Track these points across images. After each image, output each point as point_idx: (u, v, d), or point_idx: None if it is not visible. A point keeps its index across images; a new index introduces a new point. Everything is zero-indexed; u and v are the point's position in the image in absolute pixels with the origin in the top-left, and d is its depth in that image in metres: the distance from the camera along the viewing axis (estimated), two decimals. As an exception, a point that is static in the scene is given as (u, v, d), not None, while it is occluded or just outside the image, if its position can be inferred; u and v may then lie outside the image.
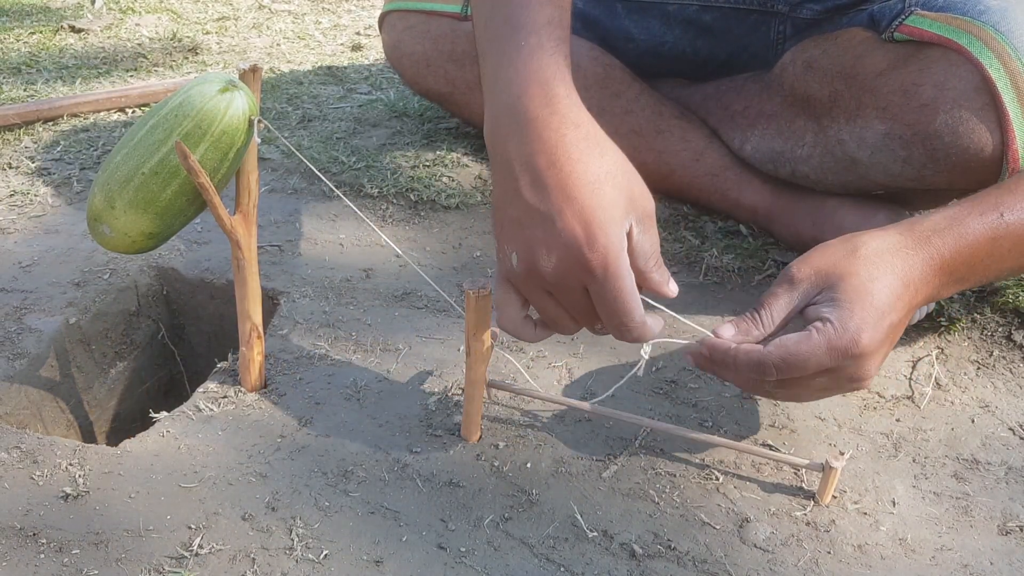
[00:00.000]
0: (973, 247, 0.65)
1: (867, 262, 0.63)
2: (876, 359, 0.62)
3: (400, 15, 1.18)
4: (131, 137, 0.64)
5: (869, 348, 0.61)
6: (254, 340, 0.72)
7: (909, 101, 0.82)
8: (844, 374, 0.62)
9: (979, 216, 0.66)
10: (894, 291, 0.63)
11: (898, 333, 0.64)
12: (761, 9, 1.04)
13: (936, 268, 0.65)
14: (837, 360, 0.61)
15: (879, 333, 0.61)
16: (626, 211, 0.59)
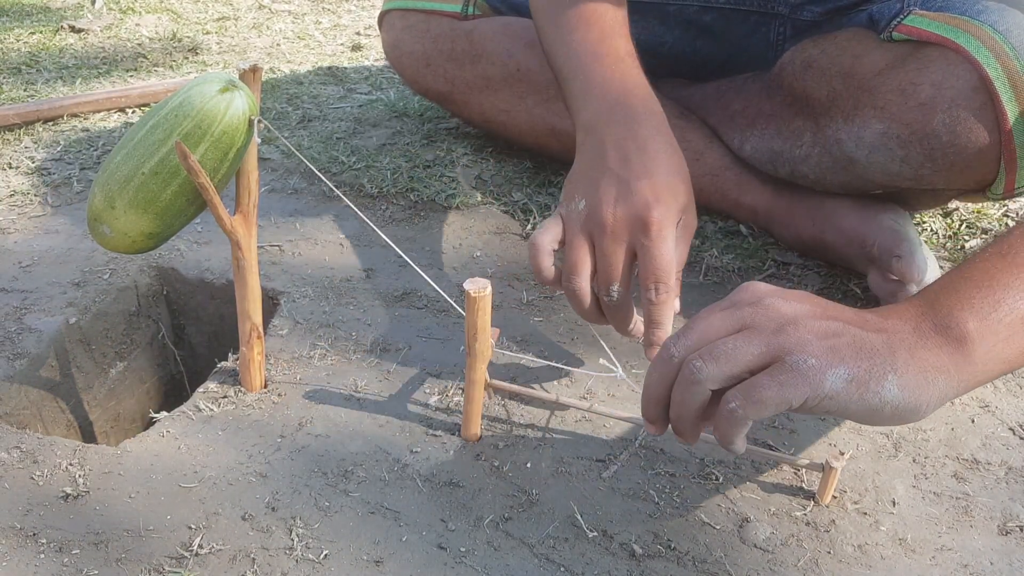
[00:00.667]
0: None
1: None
2: (776, 292, 0.55)
3: (400, 14, 1.18)
4: (131, 137, 0.64)
5: (760, 284, 0.56)
6: (254, 340, 0.73)
7: (907, 100, 0.82)
8: (739, 300, 0.56)
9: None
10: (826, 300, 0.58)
11: (828, 322, 0.54)
12: (761, 11, 1.04)
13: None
14: (732, 296, 0.57)
15: (784, 291, 0.56)
16: (680, 211, 0.71)
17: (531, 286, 0.92)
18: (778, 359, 0.52)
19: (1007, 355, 0.54)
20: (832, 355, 0.51)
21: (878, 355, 0.52)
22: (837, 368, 0.51)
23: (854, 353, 0.52)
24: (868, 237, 0.89)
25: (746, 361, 0.52)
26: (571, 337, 0.83)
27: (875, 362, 0.51)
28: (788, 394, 0.51)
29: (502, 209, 1.07)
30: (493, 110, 1.14)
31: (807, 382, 0.51)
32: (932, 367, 0.52)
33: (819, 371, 0.51)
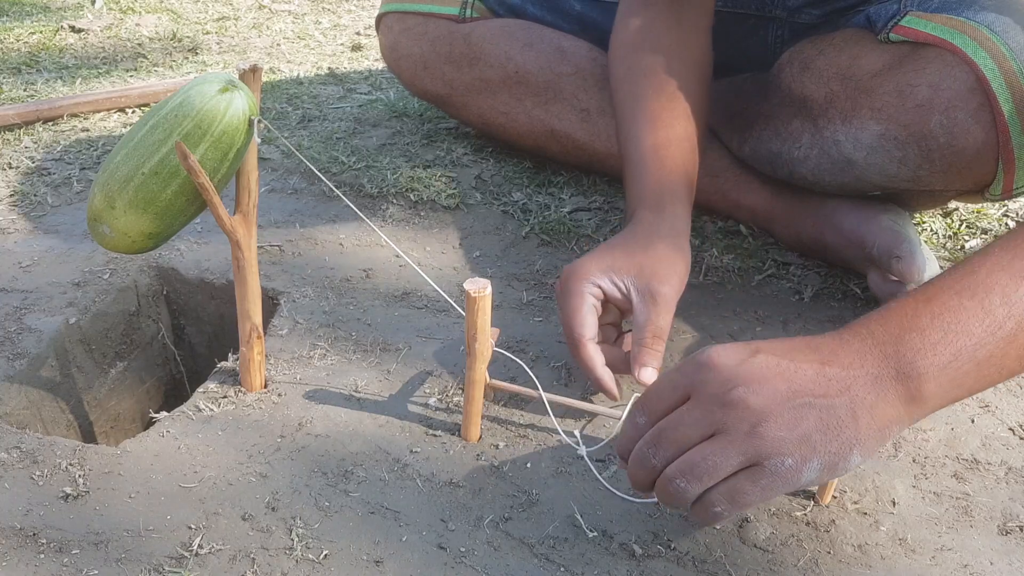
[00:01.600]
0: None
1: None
2: (739, 376, 0.55)
3: (397, 17, 1.18)
4: (131, 137, 0.64)
5: (717, 357, 0.56)
6: (254, 340, 0.73)
7: (904, 102, 0.82)
8: (705, 394, 0.55)
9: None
10: (784, 343, 0.58)
11: (787, 382, 0.54)
12: (758, 14, 1.04)
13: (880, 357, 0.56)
14: (688, 373, 0.57)
15: (739, 353, 0.56)
16: (605, 272, 0.74)
17: (531, 286, 0.92)
18: (756, 463, 0.54)
19: (954, 396, 0.56)
20: (806, 448, 0.54)
21: (844, 429, 0.54)
22: (811, 462, 0.54)
23: (823, 437, 0.54)
24: (868, 238, 0.89)
25: (726, 473, 0.54)
26: (571, 337, 0.83)
27: (842, 440, 0.54)
28: (769, 495, 0.55)
29: (502, 209, 1.07)
30: (492, 112, 1.14)
31: (786, 483, 0.54)
32: (889, 421, 0.55)
33: (796, 470, 0.54)
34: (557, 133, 1.09)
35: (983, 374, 0.55)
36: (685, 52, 0.92)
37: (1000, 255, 0.56)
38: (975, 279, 0.56)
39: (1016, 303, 0.54)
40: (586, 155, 1.10)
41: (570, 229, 1.02)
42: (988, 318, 0.54)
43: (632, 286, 0.74)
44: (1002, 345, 0.55)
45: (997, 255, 0.56)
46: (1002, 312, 0.54)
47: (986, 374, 0.55)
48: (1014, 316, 0.54)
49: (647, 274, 0.74)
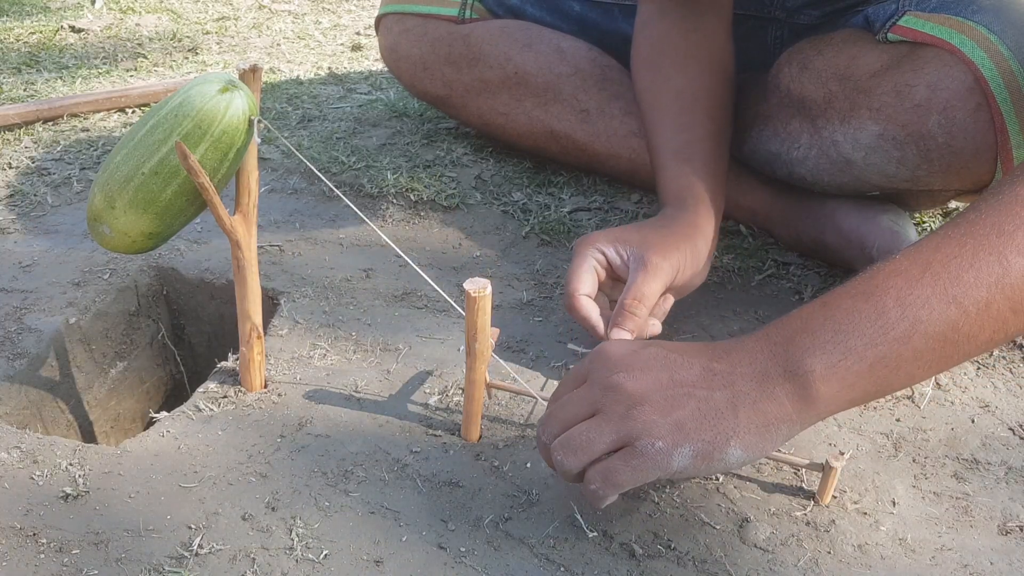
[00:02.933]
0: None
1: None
2: (622, 363, 0.58)
3: (397, 18, 1.18)
4: (131, 137, 0.64)
5: (608, 348, 0.60)
6: (254, 340, 0.72)
7: (902, 102, 0.82)
8: (592, 379, 0.59)
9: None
10: (681, 343, 0.61)
11: (673, 380, 0.57)
12: (758, 15, 1.04)
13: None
14: (586, 361, 0.61)
15: (630, 345, 0.60)
16: (612, 241, 0.77)
17: (531, 286, 0.92)
18: (629, 443, 0.56)
19: (849, 398, 0.57)
20: (677, 434, 0.55)
21: (722, 419, 0.55)
22: (682, 447, 0.55)
23: (698, 425, 0.55)
24: (868, 238, 0.89)
25: (600, 450, 0.57)
26: (570, 337, 0.83)
27: (718, 430, 0.56)
28: (640, 476, 0.56)
29: (502, 209, 1.07)
30: (492, 113, 1.14)
31: (656, 465, 0.56)
32: (775, 418, 0.56)
33: (666, 453, 0.55)
34: (557, 134, 1.09)
35: (877, 375, 0.55)
36: (703, 54, 0.93)
37: (900, 261, 0.57)
38: (872, 283, 0.57)
39: (910, 305, 0.55)
40: (586, 156, 1.10)
41: (570, 229, 1.02)
42: (880, 319, 0.55)
43: (631, 254, 0.77)
44: (895, 346, 0.55)
45: (897, 261, 0.57)
46: (895, 313, 0.55)
47: (880, 375, 0.56)
48: (907, 318, 0.54)
49: (647, 245, 0.77)
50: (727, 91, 0.94)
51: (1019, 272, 0.54)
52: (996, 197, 0.57)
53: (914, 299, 0.55)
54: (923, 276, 0.55)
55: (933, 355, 0.55)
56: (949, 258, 0.55)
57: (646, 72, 0.95)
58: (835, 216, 0.93)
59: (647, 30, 0.97)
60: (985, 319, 0.54)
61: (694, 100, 0.90)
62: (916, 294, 0.55)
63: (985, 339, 0.55)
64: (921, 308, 0.54)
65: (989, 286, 0.54)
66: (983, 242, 0.55)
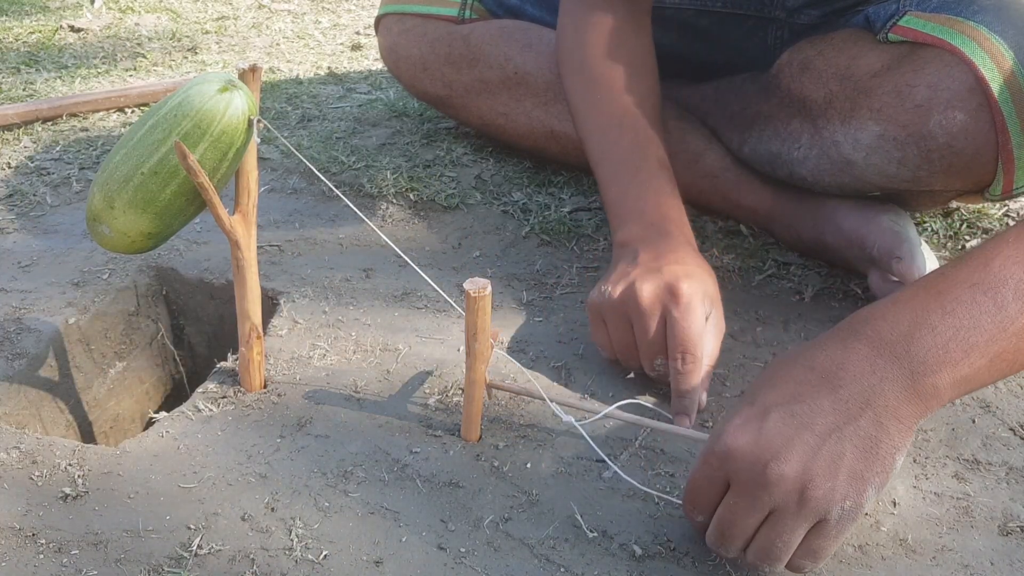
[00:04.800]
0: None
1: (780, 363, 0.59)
2: (763, 452, 0.54)
3: (396, 18, 1.18)
4: (130, 137, 0.64)
5: (734, 441, 0.55)
6: (254, 340, 0.72)
7: (903, 102, 0.82)
8: (742, 482, 0.55)
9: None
10: (786, 380, 0.56)
11: (822, 426, 0.54)
12: (757, 15, 1.04)
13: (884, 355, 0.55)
14: (716, 466, 0.56)
15: (752, 424, 0.55)
16: (708, 298, 0.74)
17: (531, 286, 0.91)
18: (821, 520, 0.54)
19: (967, 389, 0.56)
20: (857, 483, 0.54)
21: (880, 445, 0.54)
22: (866, 492, 0.54)
23: (867, 465, 0.54)
24: (868, 238, 0.89)
25: (798, 542, 0.55)
26: (570, 337, 0.83)
27: (883, 455, 0.54)
28: (844, 538, 0.56)
29: (502, 209, 1.07)
30: (492, 113, 1.14)
31: (853, 520, 0.55)
32: (913, 416, 0.55)
33: (857, 507, 0.54)
34: (557, 134, 1.09)
35: (995, 368, 0.55)
36: (651, 59, 0.94)
37: (1015, 246, 0.55)
38: (988, 271, 0.55)
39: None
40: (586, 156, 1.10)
41: (570, 229, 1.02)
42: (1000, 313, 0.54)
43: (710, 319, 0.74)
44: (1014, 341, 0.54)
45: (1012, 246, 0.55)
46: (1015, 307, 0.54)
47: (998, 368, 0.55)
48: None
49: (716, 302, 0.76)
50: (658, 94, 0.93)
51: None
52: None
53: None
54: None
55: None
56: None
57: (603, 68, 0.92)
58: (836, 216, 0.93)
59: (595, 19, 0.93)
60: None
61: (652, 121, 0.89)
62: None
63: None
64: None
65: None
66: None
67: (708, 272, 0.77)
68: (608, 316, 0.75)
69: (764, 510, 0.55)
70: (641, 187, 0.84)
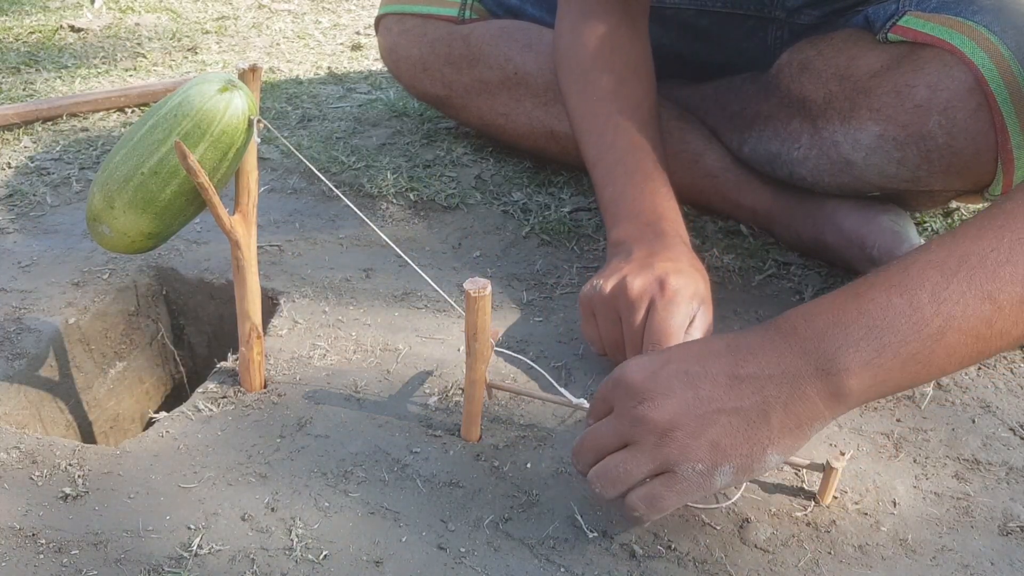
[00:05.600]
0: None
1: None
2: (645, 391, 0.56)
3: (396, 18, 1.18)
4: (130, 137, 0.64)
5: (628, 373, 0.58)
6: (254, 340, 0.72)
7: (902, 102, 0.82)
8: (618, 410, 0.58)
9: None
10: (701, 346, 0.59)
11: (707, 396, 0.55)
12: (758, 15, 1.04)
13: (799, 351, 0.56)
14: (609, 389, 0.60)
15: (650, 366, 0.58)
16: (697, 298, 0.73)
17: (531, 286, 0.91)
18: (668, 469, 0.56)
19: (879, 392, 0.56)
20: (715, 454, 0.55)
21: (756, 430, 0.55)
22: (722, 466, 0.56)
23: (733, 441, 0.55)
24: (868, 238, 0.89)
25: (636, 479, 0.57)
26: (570, 337, 0.83)
27: (754, 442, 0.55)
28: (685, 499, 0.57)
29: (502, 209, 1.07)
30: (491, 114, 1.14)
31: (699, 487, 0.56)
32: (807, 418, 0.55)
33: (707, 475, 0.56)
34: (557, 134, 1.09)
35: (909, 371, 0.55)
36: (647, 62, 0.94)
37: (936, 251, 0.56)
38: (907, 275, 0.55)
39: (945, 301, 0.54)
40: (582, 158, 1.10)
41: (570, 229, 1.02)
42: (915, 315, 0.54)
43: (698, 315, 0.74)
44: (928, 343, 0.54)
45: (933, 252, 0.56)
46: (930, 310, 0.54)
47: (912, 371, 0.55)
48: (942, 314, 0.54)
49: (706, 302, 0.75)
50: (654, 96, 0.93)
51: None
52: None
53: (949, 294, 0.53)
54: (959, 270, 0.54)
55: (965, 350, 0.54)
56: (986, 251, 0.54)
57: (591, 77, 0.92)
58: (836, 216, 0.93)
59: (589, 25, 0.93)
60: (1019, 315, 0.53)
61: (649, 121, 0.89)
62: (952, 289, 0.53)
63: (1018, 335, 0.54)
64: (956, 304, 0.53)
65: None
66: (1020, 235, 0.53)
67: (700, 272, 0.77)
68: (599, 310, 0.76)
69: (623, 440, 0.57)
70: (636, 187, 0.84)
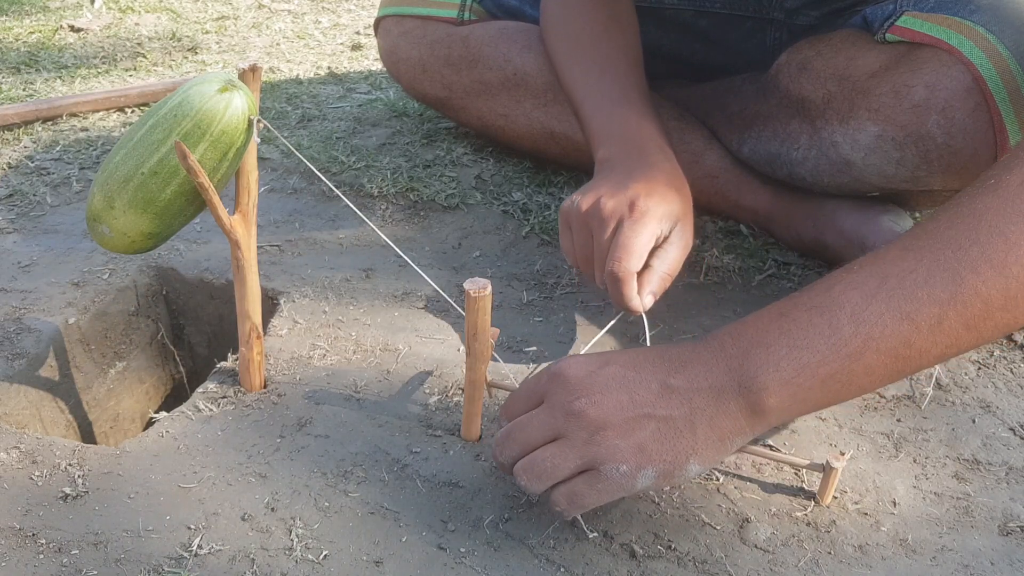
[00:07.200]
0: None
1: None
2: (582, 387, 0.58)
3: (395, 20, 1.18)
4: (130, 137, 0.64)
5: (567, 369, 0.59)
6: (254, 340, 0.72)
7: (901, 102, 0.82)
8: (552, 402, 0.59)
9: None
10: (637, 354, 0.60)
11: (630, 393, 0.57)
12: (757, 16, 1.04)
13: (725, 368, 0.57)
14: (543, 382, 0.60)
15: (588, 365, 0.59)
16: (670, 216, 0.75)
17: (531, 286, 0.91)
18: (593, 468, 0.57)
19: (800, 410, 0.58)
20: (640, 456, 0.56)
21: (681, 439, 0.57)
22: (645, 469, 0.57)
23: (659, 447, 0.57)
24: (868, 238, 0.89)
25: (564, 474, 0.58)
26: (570, 337, 0.83)
27: (678, 450, 0.57)
28: (604, 498, 0.58)
29: (502, 209, 1.07)
30: (491, 115, 1.14)
31: (620, 487, 0.57)
32: (729, 432, 0.57)
33: (630, 476, 0.57)
34: (556, 135, 1.09)
35: (829, 390, 0.56)
36: (632, 16, 0.97)
37: (858, 272, 0.57)
38: (828, 296, 0.56)
39: (863, 322, 0.55)
40: (586, 156, 1.10)
41: (570, 229, 1.02)
42: (835, 336, 0.55)
43: (674, 232, 0.76)
44: (847, 363, 0.55)
45: (856, 273, 0.57)
46: (849, 330, 0.55)
47: (832, 390, 0.56)
48: (861, 334, 0.55)
49: (684, 219, 0.77)
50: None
51: (971, 290, 0.53)
52: (956, 208, 0.56)
53: (868, 315, 0.55)
54: (879, 292, 0.55)
55: (884, 370, 0.56)
56: (905, 272, 0.55)
57: (575, 23, 0.95)
58: (835, 216, 0.93)
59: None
60: (938, 335, 0.54)
61: (631, 67, 0.91)
62: (871, 311, 0.55)
63: (937, 354, 0.55)
64: (874, 325, 0.54)
65: (942, 303, 0.54)
66: (939, 257, 0.54)
67: (678, 191, 0.78)
68: (574, 225, 0.78)
69: (554, 433, 0.58)
70: (623, 114, 0.86)
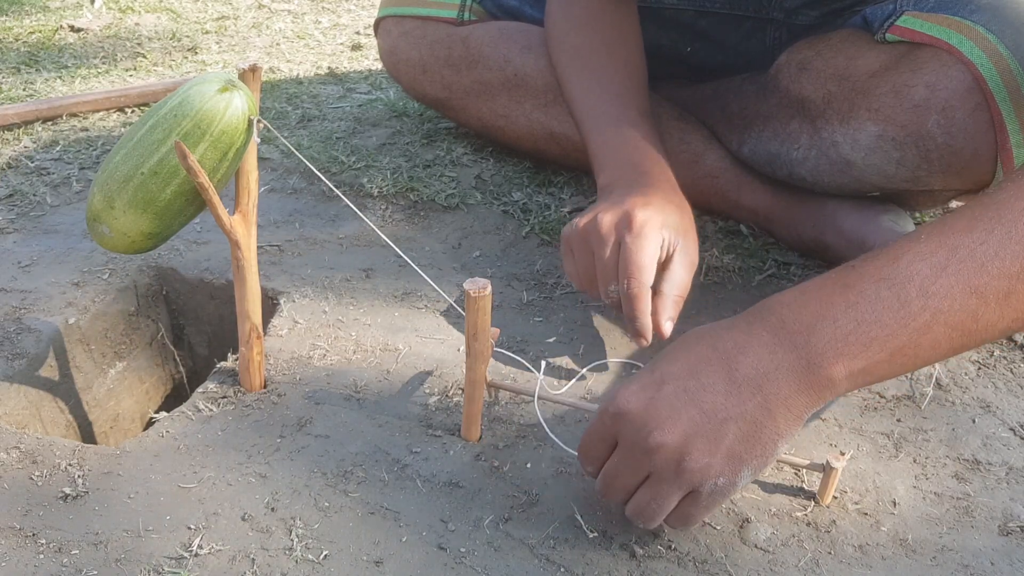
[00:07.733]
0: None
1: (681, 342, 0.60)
2: (650, 419, 0.56)
3: (395, 20, 1.18)
4: (130, 137, 0.64)
5: (626, 404, 0.57)
6: (254, 340, 0.72)
7: (901, 102, 0.82)
8: (627, 443, 0.57)
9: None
10: (688, 355, 0.58)
11: (709, 402, 0.55)
12: (757, 16, 1.04)
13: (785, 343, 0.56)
14: (608, 424, 0.58)
15: (646, 391, 0.57)
16: (669, 227, 0.75)
17: (531, 286, 0.91)
18: (694, 491, 0.57)
19: (866, 382, 0.57)
20: (732, 464, 0.56)
21: (764, 430, 0.56)
22: (742, 472, 0.56)
23: (747, 447, 0.56)
24: (869, 238, 0.89)
25: (670, 507, 0.58)
26: (570, 337, 0.83)
27: (765, 441, 0.56)
28: (714, 508, 0.59)
29: (502, 209, 1.07)
30: (491, 115, 1.14)
31: (724, 495, 0.57)
32: (804, 407, 0.56)
33: (730, 484, 0.57)
34: (556, 135, 1.09)
35: (895, 363, 0.55)
36: (634, 26, 0.98)
37: (926, 243, 0.56)
38: (894, 268, 0.55)
39: (932, 295, 0.54)
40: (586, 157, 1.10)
41: (570, 229, 1.02)
42: (903, 309, 0.54)
43: (677, 246, 0.76)
44: (914, 336, 0.54)
45: (923, 244, 0.56)
46: (918, 304, 0.54)
47: (898, 363, 0.55)
48: (929, 308, 0.54)
49: (682, 230, 0.77)
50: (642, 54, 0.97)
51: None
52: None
53: (937, 289, 0.53)
54: (948, 264, 0.54)
55: (950, 343, 0.55)
56: (976, 244, 0.54)
57: (582, 36, 0.96)
58: (836, 216, 0.93)
59: (569, 8, 0.99)
60: (1005, 309, 0.54)
61: (634, 80, 0.93)
62: (940, 284, 0.53)
63: (1004, 327, 0.55)
64: (943, 299, 0.53)
65: (1011, 277, 0.53)
66: (1011, 229, 0.53)
67: (675, 204, 0.79)
68: (575, 246, 0.79)
69: (643, 473, 0.57)
70: (622, 135, 0.87)
